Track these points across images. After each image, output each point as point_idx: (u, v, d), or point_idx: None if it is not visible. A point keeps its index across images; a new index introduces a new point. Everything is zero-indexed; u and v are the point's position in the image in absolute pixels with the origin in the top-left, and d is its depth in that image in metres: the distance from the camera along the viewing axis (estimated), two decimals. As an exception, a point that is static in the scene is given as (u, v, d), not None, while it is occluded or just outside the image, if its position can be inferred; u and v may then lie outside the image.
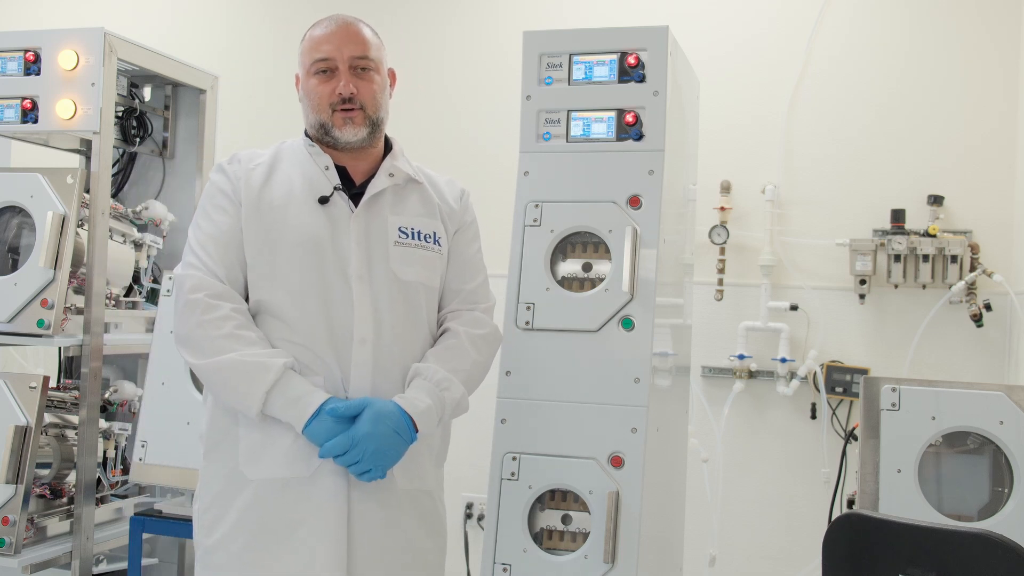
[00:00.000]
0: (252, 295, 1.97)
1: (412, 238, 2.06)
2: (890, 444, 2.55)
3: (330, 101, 2.01)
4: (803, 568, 3.73)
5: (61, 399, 3.19)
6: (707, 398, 3.90)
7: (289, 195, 2.01)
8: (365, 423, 1.85)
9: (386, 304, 1.99)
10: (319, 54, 2.02)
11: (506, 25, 4.12)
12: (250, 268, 1.97)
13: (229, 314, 1.90)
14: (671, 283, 2.70)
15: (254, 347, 1.88)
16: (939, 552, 1.94)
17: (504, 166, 2.91)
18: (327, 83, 2.02)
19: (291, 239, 1.97)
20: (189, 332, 1.90)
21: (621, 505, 2.37)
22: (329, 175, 2.04)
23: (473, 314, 2.13)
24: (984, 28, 3.70)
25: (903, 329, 3.70)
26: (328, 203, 2.00)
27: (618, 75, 2.55)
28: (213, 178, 2.06)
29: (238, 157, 2.07)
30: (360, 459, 1.85)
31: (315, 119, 2.04)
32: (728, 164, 3.87)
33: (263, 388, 1.84)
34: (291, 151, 2.10)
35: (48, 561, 2.87)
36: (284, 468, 1.89)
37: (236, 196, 2.00)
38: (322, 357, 1.93)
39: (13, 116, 3.08)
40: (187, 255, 2.00)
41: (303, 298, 1.95)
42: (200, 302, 1.90)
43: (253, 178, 2.03)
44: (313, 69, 2.03)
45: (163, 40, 3.65)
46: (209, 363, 1.87)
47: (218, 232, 1.98)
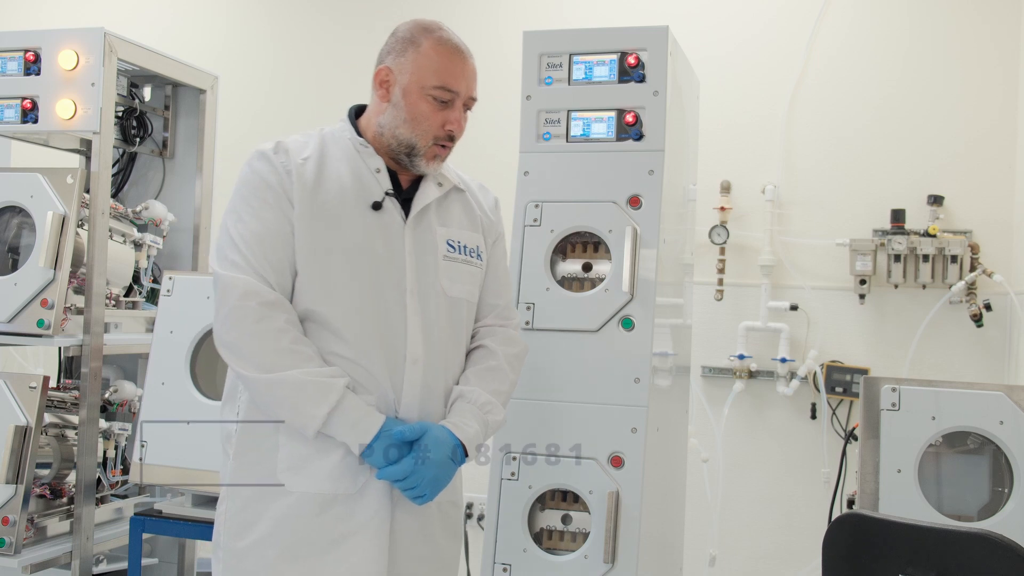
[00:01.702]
0: (300, 303, 1.87)
1: (459, 252, 2.01)
2: (890, 444, 2.55)
3: (436, 134, 1.94)
4: (803, 568, 3.73)
5: (61, 399, 3.19)
6: (707, 398, 3.90)
7: (342, 197, 1.91)
8: (426, 451, 1.84)
9: (434, 321, 1.94)
10: (446, 83, 1.93)
11: (506, 25, 4.11)
12: (301, 274, 1.87)
13: (284, 327, 1.82)
14: (671, 283, 2.70)
15: (311, 364, 1.81)
16: (939, 552, 1.94)
17: (504, 166, 2.91)
18: (440, 113, 1.94)
19: (346, 247, 1.88)
20: (239, 341, 1.81)
21: (621, 505, 2.37)
22: (380, 179, 1.95)
23: (507, 332, 2.10)
24: (983, 28, 3.70)
25: (903, 329, 3.70)
26: (380, 209, 1.92)
27: (618, 75, 2.55)
28: (257, 167, 1.91)
29: (284, 146, 1.93)
30: (418, 485, 1.84)
31: (409, 139, 1.94)
32: (728, 164, 3.87)
33: (325, 409, 1.78)
34: (336, 144, 1.98)
35: (48, 561, 2.87)
36: (330, 484, 1.85)
37: (285, 192, 1.88)
38: (376, 376, 1.87)
39: (13, 116, 3.08)
40: (229, 251, 1.86)
41: (358, 313, 1.87)
42: (252, 311, 1.81)
43: (305, 174, 1.90)
44: (434, 94, 1.93)
45: (163, 40, 3.65)
46: (266, 378, 1.79)
47: (265, 231, 1.86)
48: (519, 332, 2.15)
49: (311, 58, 4.48)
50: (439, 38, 1.97)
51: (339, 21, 4.43)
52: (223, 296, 1.83)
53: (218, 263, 1.87)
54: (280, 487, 1.85)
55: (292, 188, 1.88)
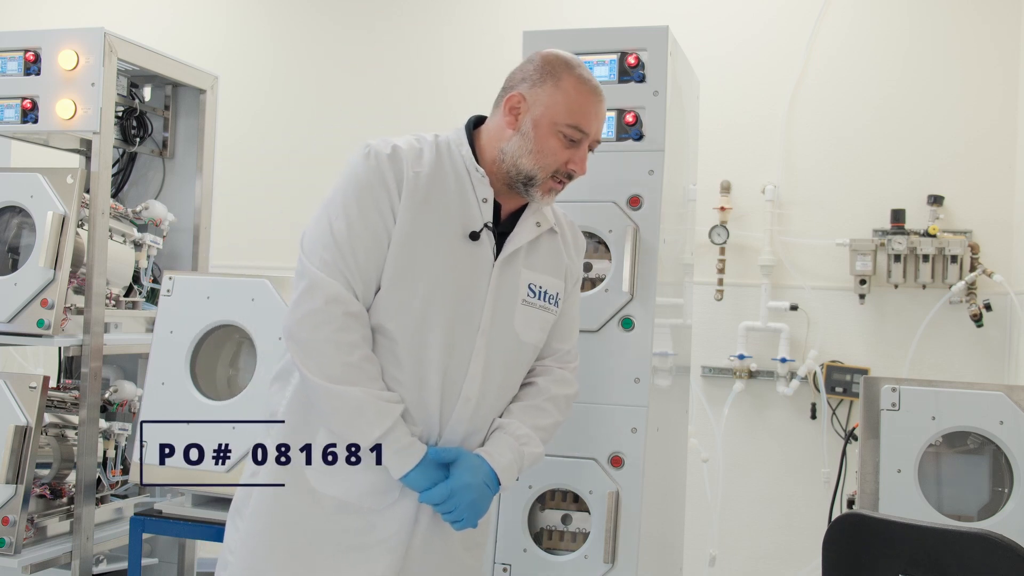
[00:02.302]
0: (375, 316, 1.85)
1: (538, 298, 1.98)
2: (890, 444, 2.55)
3: (558, 168, 1.92)
4: (803, 568, 3.73)
5: (61, 399, 3.19)
6: (707, 398, 3.90)
7: (442, 220, 1.87)
8: (463, 475, 1.84)
9: (498, 362, 1.92)
10: (581, 124, 1.91)
11: (506, 25, 4.11)
12: (383, 290, 1.85)
13: (358, 341, 1.81)
14: (671, 283, 2.70)
15: (375, 384, 1.81)
16: (939, 552, 1.94)
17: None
18: (567, 150, 1.91)
19: (434, 274, 1.85)
20: (313, 344, 1.79)
21: (621, 505, 2.37)
22: (484, 210, 1.91)
23: (563, 373, 2.06)
24: (983, 28, 3.70)
25: (903, 329, 3.70)
26: (477, 240, 1.89)
27: (618, 75, 2.55)
28: (371, 165, 1.85)
29: (400, 153, 1.87)
30: (455, 509, 1.84)
31: (530, 170, 1.90)
32: (728, 164, 3.87)
33: (379, 432, 1.79)
34: (452, 161, 1.93)
35: (48, 561, 2.87)
36: (362, 497, 1.86)
37: (391, 203, 1.84)
38: (427, 409, 1.87)
39: (13, 116, 3.08)
40: (323, 248, 1.82)
41: (427, 343, 1.85)
42: (335, 318, 1.79)
43: (416, 189, 1.86)
44: (565, 131, 1.90)
45: (163, 40, 3.65)
46: (329, 388, 1.78)
47: (364, 237, 1.82)
48: (575, 375, 2.10)
49: (311, 58, 4.48)
50: (580, 76, 1.92)
51: (339, 21, 4.43)
52: (308, 294, 1.80)
53: (308, 257, 1.83)
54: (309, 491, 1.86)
55: (399, 199, 1.84)
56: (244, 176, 4.34)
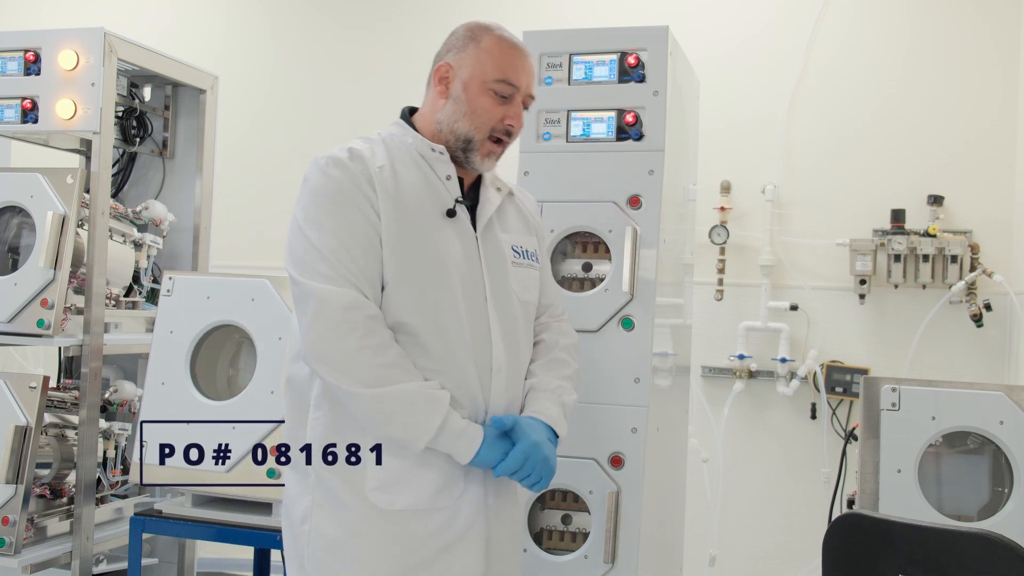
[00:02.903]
0: (391, 315, 1.82)
1: (523, 257, 2.01)
2: (890, 444, 2.55)
3: (493, 127, 1.93)
4: (803, 568, 3.73)
5: (61, 399, 3.19)
6: (707, 398, 3.90)
7: (420, 206, 1.88)
8: (528, 435, 1.85)
9: (511, 328, 1.94)
10: (509, 77, 1.93)
11: (506, 25, 4.10)
12: (390, 286, 1.83)
13: (389, 341, 1.79)
14: (671, 283, 2.70)
15: (416, 376, 1.79)
16: (939, 552, 1.93)
17: (504, 166, 2.90)
18: (500, 107, 1.93)
19: (432, 257, 1.86)
20: (343, 356, 1.75)
21: (621, 505, 2.37)
22: (450, 186, 1.93)
23: (561, 325, 2.11)
24: (983, 28, 3.70)
25: (903, 329, 3.70)
26: (454, 217, 1.91)
27: (618, 75, 2.55)
28: (334, 174, 1.84)
29: (358, 153, 1.87)
30: (533, 470, 1.85)
31: (466, 133, 1.92)
32: (728, 164, 3.87)
33: (437, 421, 1.76)
34: (402, 149, 1.94)
35: (48, 561, 2.87)
36: (428, 500, 1.83)
37: (370, 201, 1.83)
38: (468, 388, 1.86)
39: (13, 116, 3.08)
40: (316, 263, 1.79)
41: (449, 325, 1.84)
42: (359, 324, 1.76)
43: (385, 181, 1.86)
44: (494, 87, 1.92)
45: (163, 40, 3.65)
46: (374, 393, 1.75)
47: (355, 241, 1.81)
48: (570, 326, 2.15)
49: (311, 58, 4.48)
50: (500, 35, 2.00)
51: (339, 21, 4.43)
52: (321, 310, 1.76)
53: (305, 275, 1.80)
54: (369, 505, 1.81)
55: (376, 197, 1.83)
56: (244, 176, 4.33)
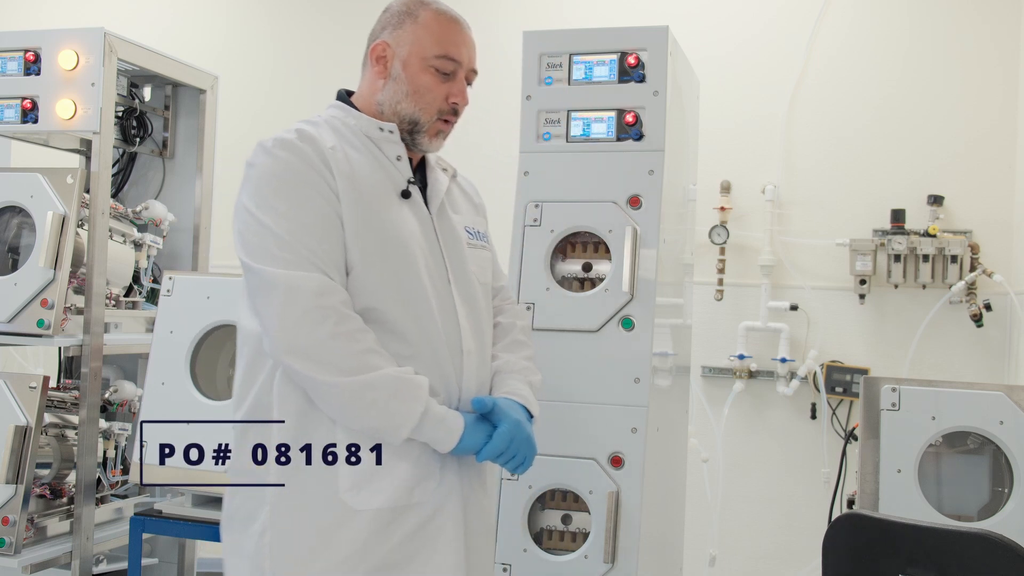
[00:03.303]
0: (358, 301, 1.73)
1: (476, 238, 1.96)
2: (890, 444, 2.55)
3: (440, 107, 1.86)
4: (803, 568, 3.73)
5: (61, 399, 3.19)
6: (707, 398, 3.90)
7: (374, 187, 1.79)
8: (509, 415, 1.80)
9: (475, 309, 1.89)
10: (449, 52, 1.85)
11: (506, 25, 4.11)
12: (356, 271, 1.73)
13: (362, 326, 1.70)
14: (671, 283, 2.70)
15: (392, 364, 1.70)
16: (939, 552, 1.94)
17: (504, 166, 2.91)
18: (443, 85, 1.86)
19: (395, 239, 1.77)
20: (318, 345, 1.65)
21: (621, 505, 2.37)
22: (401, 167, 1.85)
23: (514, 308, 2.09)
24: (983, 28, 3.70)
25: (903, 329, 3.70)
26: (409, 198, 1.84)
27: (618, 75, 2.55)
28: (284, 156, 1.74)
29: (307, 133, 1.78)
30: (519, 450, 1.80)
31: (412, 114, 1.85)
32: (728, 164, 3.87)
33: (420, 408, 1.69)
34: (348, 131, 1.86)
35: (48, 561, 2.87)
36: (405, 495, 1.74)
37: (327, 182, 1.73)
38: (443, 373, 1.79)
39: (13, 116, 3.08)
40: (277, 249, 1.68)
41: (419, 310, 1.77)
42: (332, 311, 1.66)
43: (339, 162, 1.76)
44: (436, 64, 1.84)
45: (163, 40, 3.65)
46: (353, 381, 1.65)
47: (317, 224, 1.71)
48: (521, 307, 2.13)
49: (311, 58, 4.48)
50: (438, 9, 1.89)
51: (339, 21, 4.43)
52: (290, 298, 1.66)
53: (265, 262, 1.69)
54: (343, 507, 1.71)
55: (332, 177, 1.74)
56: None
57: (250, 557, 1.76)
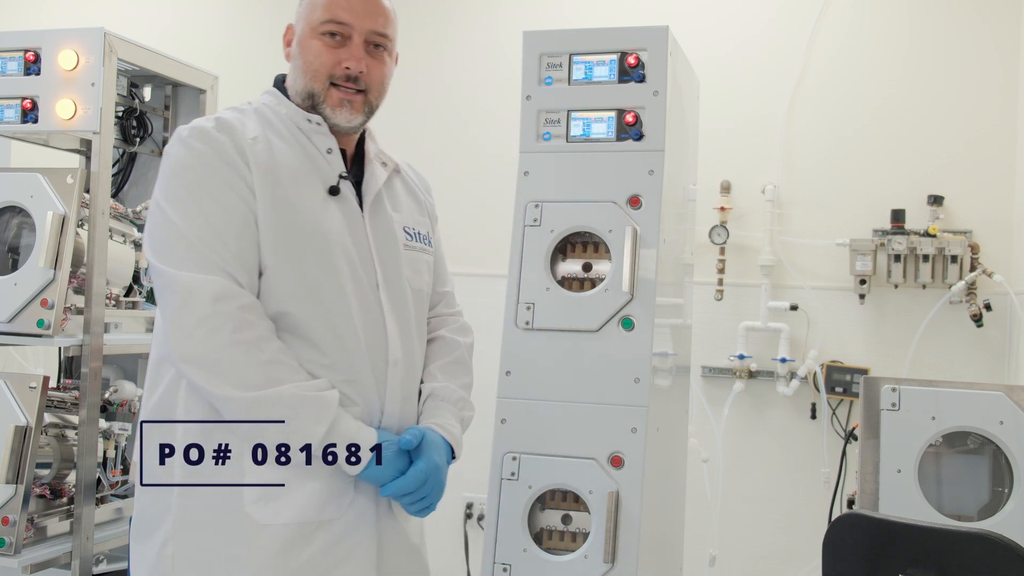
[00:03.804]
0: (270, 305, 1.63)
1: (416, 240, 1.85)
2: (890, 444, 2.56)
3: (331, 73, 1.73)
4: (803, 568, 3.73)
5: (61, 399, 3.19)
6: (707, 398, 3.90)
7: (298, 182, 1.68)
8: (431, 456, 1.69)
9: (404, 317, 1.78)
10: (334, 15, 1.73)
11: (506, 25, 4.11)
12: (269, 272, 1.64)
13: (266, 335, 1.58)
14: (671, 283, 2.70)
15: (298, 376, 1.59)
16: (939, 552, 1.94)
17: (504, 166, 2.91)
18: (333, 51, 1.73)
19: (314, 238, 1.67)
20: (215, 354, 1.55)
21: (621, 505, 2.37)
22: (332, 160, 1.75)
23: (459, 321, 2.00)
24: (983, 28, 3.70)
25: (903, 329, 3.70)
26: (338, 195, 1.73)
27: (618, 75, 2.55)
28: (198, 147, 1.64)
29: (226, 122, 1.69)
30: (428, 494, 1.68)
31: (305, 87, 1.75)
32: (728, 164, 3.87)
33: (323, 428, 1.57)
34: (277, 121, 1.76)
35: (48, 561, 2.87)
36: (315, 511, 1.63)
37: (242, 176, 1.64)
38: (362, 384, 1.69)
39: (13, 116, 3.08)
40: (180, 248, 1.58)
41: (338, 315, 1.67)
42: (230, 317, 1.55)
43: (259, 154, 1.66)
44: (321, 29, 1.73)
45: (163, 40, 3.64)
46: (253, 397, 1.55)
47: (226, 222, 1.60)
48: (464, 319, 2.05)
49: (311, 58, 4.48)
50: None
51: (339, 21, 4.43)
52: (186, 302, 1.56)
53: (167, 262, 1.59)
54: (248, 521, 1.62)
55: (248, 170, 1.64)
56: (244, 176, 4.33)
57: (151, 568, 1.67)
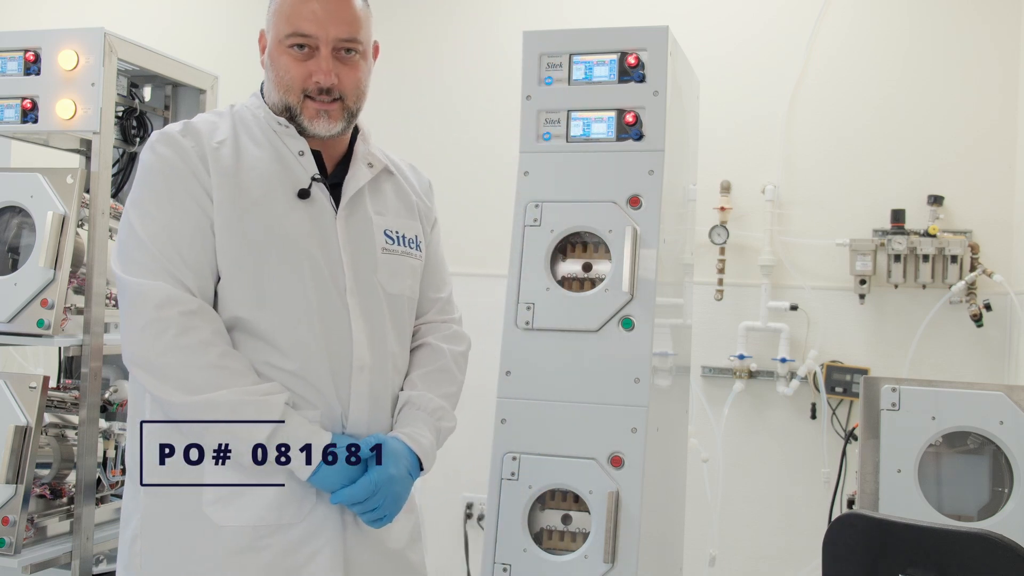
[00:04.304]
0: (226, 310, 1.65)
1: (398, 243, 1.83)
2: (890, 444, 2.56)
3: (303, 87, 1.72)
4: (803, 568, 3.73)
5: (61, 399, 3.19)
6: (707, 398, 3.90)
7: (265, 185, 1.70)
8: (386, 467, 1.66)
9: (378, 322, 1.76)
10: (298, 28, 1.70)
11: (506, 25, 4.11)
12: (225, 277, 1.66)
13: (210, 339, 1.60)
14: (671, 283, 2.70)
15: (244, 380, 1.61)
16: (939, 552, 1.94)
17: (504, 166, 2.91)
18: (302, 64, 1.72)
19: (276, 243, 1.68)
20: (158, 359, 1.59)
21: (621, 505, 2.37)
22: (305, 163, 1.75)
23: (451, 328, 1.96)
24: (983, 28, 3.70)
25: (903, 329, 3.70)
26: (308, 198, 1.73)
27: (618, 75, 2.55)
28: (163, 152, 1.67)
29: (194, 128, 1.71)
30: (379, 505, 1.66)
31: (281, 101, 1.75)
32: (728, 164, 3.87)
33: (265, 432, 1.58)
34: (253, 124, 1.77)
35: (48, 561, 2.87)
36: (273, 514, 1.64)
37: (200, 181, 1.66)
38: (320, 388, 1.68)
39: (13, 116, 3.08)
40: (136, 252, 1.63)
41: (297, 319, 1.67)
42: (173, 322, 1.58)
43: (222, 159, 1.68)
44: (288, 43, 1.71)
45: (163, 40, 3.64)
46: (193, 402, 1.58)
47: (179, 227, 1.63)
48: (461, 326, 2.02)
49: (311, 58, 4.47)
50: None
51: (339, 21, 4.43)
52: (134, 307, 1.61)
53: (122, 267, 1.64)
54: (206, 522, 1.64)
55: (208, 176, 1.66)
56: (244, 176, 4.33)
57: (125, 562, 1.74)
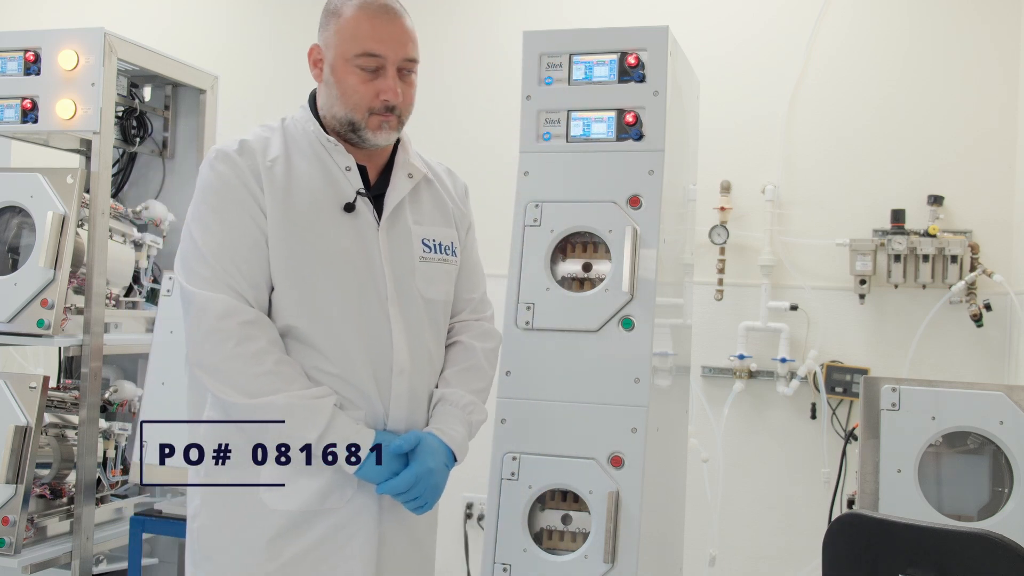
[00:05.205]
0: (279, 319, 1.78)
1: (435, 252, 1.93)
2: (890, 444, 2.55)
3: (371, 105, 1.82)
4: (803, 568, 3.73)
5: (61, 399, 3.19)
6: (707, 398, 3.90)
7: (313, 200, 1.81)
8: (425, 460, 1.79)
9: (416, 328, 1.88)
10: (367, 48, 1.81)
11: (506, 25, 4.11)
12: (278, 288, 1.78)
13: (266, 347, 1.73)
14: (671, 283, 2.70)
15: (296, 385, 1.74)
16: (939, 552, 1.94)
17: (504, 166, 2.91)
18: (370, 83, 1.81)
19: (323, 256, 1.80)
20: (221, 364, 1.73)
21: (621, 505, 2.37)
22: (351, 177, 1.86)
23: (482, 326, 2.05)
24: (983, 28, 3.70)
25: (903, 329, 3.70)
26: (353, 211, 1.83)
27: (618, 75, 2.55)
28: (221, 170, 1.79)
29: (249, 146, 1.82)
30: (421, 495, 1.79)
31: (346, 116, 1.84)
32: (728, 164, 3.87)
33: (316, 432, 1.72)
34: (303, 139, 1.87)
35: (48, 561, 2.87)
36: (318, 501, 1.79)
37: (255, 198, 1.78)
38: (364, 391, 1.81)
39: (13, 116, 3.08)
40: (198, 265, 1.76)
41: (342, 327, 1.80)
42: (233, 332, 1.71)
43: (275, 178, 1.80)
44: (356, 62, 1.81)
45: (163, 40, 3.64)
46: (250, 404, 1.71)
47: (238, 242, 1.76)
48: (493, 323, 2.10)
49: (311, 58, 4.47)
50: (359, 3, 1.84)
51: (339, 21, 4.43)
52: (198, 317, 1.74)
53: (187, 278, 1.77)
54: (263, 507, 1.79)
55: (262, 194, 1.78)
56: (244, 176, 4.33)
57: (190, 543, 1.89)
